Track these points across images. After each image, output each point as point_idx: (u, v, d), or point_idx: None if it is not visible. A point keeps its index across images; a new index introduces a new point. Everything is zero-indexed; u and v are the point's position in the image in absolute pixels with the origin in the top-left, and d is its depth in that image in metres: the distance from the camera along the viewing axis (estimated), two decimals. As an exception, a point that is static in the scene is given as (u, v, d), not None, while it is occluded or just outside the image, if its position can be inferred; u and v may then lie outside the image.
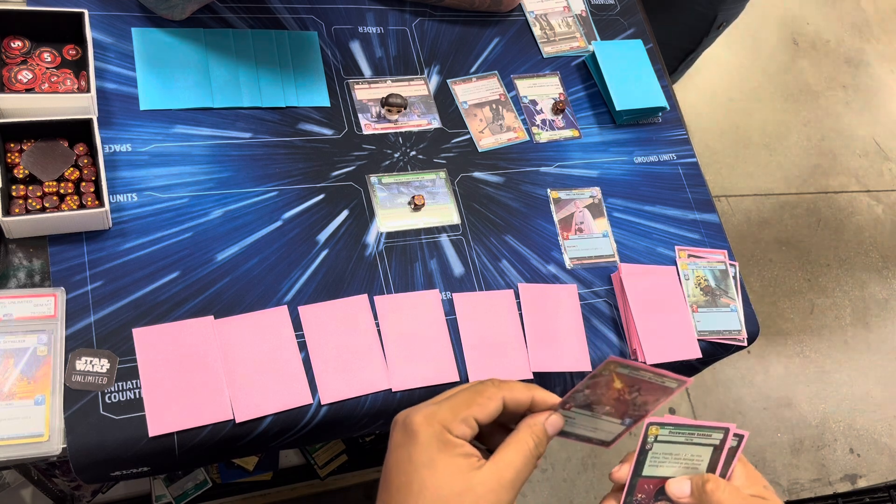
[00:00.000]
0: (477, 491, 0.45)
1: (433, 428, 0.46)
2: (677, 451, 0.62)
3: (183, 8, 0.83)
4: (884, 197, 2.67)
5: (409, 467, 0.46)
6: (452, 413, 0.47)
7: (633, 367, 0.56)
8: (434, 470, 0.45)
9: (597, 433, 0.59)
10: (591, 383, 0.56)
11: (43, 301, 0.68)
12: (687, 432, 0.62)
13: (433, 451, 0.46)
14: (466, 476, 0.45)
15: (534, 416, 0.50)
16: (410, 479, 0.46)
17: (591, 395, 0.56)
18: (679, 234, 0.96)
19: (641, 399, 0.59)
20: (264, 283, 0.77)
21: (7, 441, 0.63)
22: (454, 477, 0.45)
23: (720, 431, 0.62)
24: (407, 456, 0.46)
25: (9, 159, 0.72)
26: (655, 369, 0.54)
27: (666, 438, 0.61)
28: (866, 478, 2.14)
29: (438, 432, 0.46)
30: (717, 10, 1.37)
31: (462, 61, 0.98)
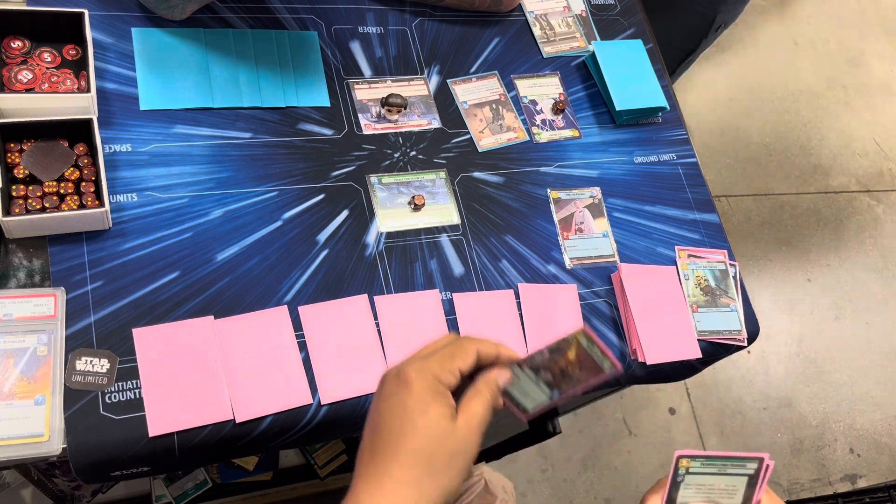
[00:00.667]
0: (456, 434, 0.52)
1: (426, 378, 0.53)
2: (711, 482, 0.62)
3: (183, 8, 0.83)
4: (884, 197, 2.67)
5: (403, 412, 0.52)
6: (440, 366, 0.53)
7: (592, 343, 0.60)
8: (427, 415, 0.51)
9: (525, 399, 0.63)
10: (554, 346, 0.60)
11: (43, 301, 0.68)
12: (720, 463, 0.62)
13: (427, 398, 0.52)
14: (450, 422, 0.52)
15: (490, 372, 0.57)
16: (403, 423, 0.51)
17: (549, 359, 0.60)
18: (679, 234, 0.96)
19: (578, 376, 0.63)
20: (264, 283, 0.77)
21: (7, 441, 0.63)
22: (441, 422, 0.52)
23: (755, 461, 0.62)
24: (400, 403, 0.52)
25: (9, 159, 0.72)
26: (607, 349, 0.58)
27: (698, 470, 0.62)
28: (866, 478, 2.14)
29: (430, 382, 0.53)
30: (717, 11, 1.37)
31: (462, 61, 0.98)
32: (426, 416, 0.52)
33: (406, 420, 0.52)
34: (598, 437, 1.95)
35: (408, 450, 0.51)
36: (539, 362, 0.61)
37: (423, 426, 0.51)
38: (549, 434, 1.25)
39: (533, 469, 1.86)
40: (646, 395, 2.05)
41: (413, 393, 0.52)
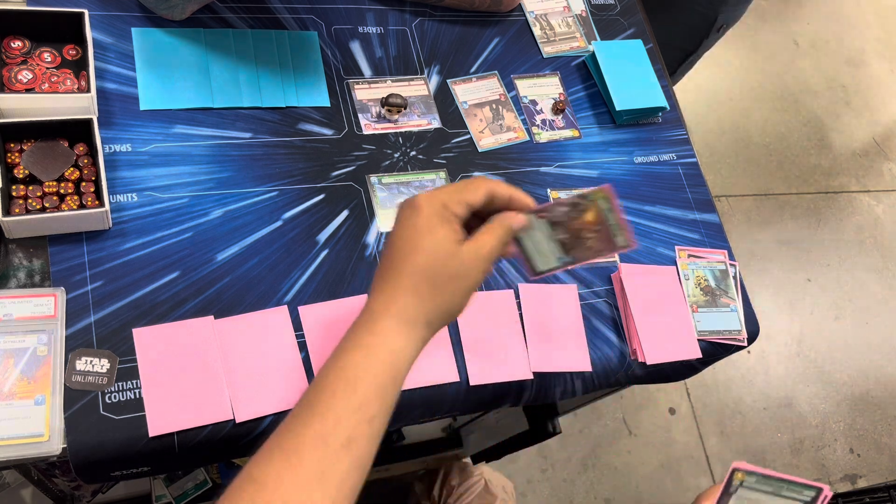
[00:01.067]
0: (462, 257, 0.57)
1: (434, 205, 0.57)
2: (765, 500, 0.61)
3: (183, 8, 0.83)
4: (884, 197, 2.67)
5: (413, 232, 0.57)
6: (449, 195, 0.58)
7: (611, 208, 0.62)
8: (433, 235, 0.56)
9: (537, 256, 0.65)
10: (575, 201, 0.62)
11: (43, 301, 0.68)
12: (776, 484, 0.61)
13: (434, 221, 0.57)
14: (456, 245, 0.57)
15: (506, 214, 0.60)
16: (414, 242, 0.57)
17: (567, 213, 0.62)
18: (679, 234, 0.96)
19: (591, 243, 0.65)
20: (264, 283, 0.77)
21: (7, 441, 0.63)
22: (447, 243, 0.57)
23: (813, 490, 0.61)
24: (412, 225, 0.57)
25: (9, 159, 0.72)
26: (625, 221, 0.60)
27: (752, 486, 0.61)
28: (866, 478, 2.14)
29: (439, 208, 0.57)
30: (718, 12, 1.37)
31: (462, 61, 0.98)
32: (432, 235, 0.56)
33: (416, 239, 0.56)
34: (598, 437, 1.95)
35: (414, 263, 0.56)
36: (556, 216, 0.63)
37: (428, 244, 0.56)
38: (549, 434, 1.25)
39: (533, 469, 1.86)
40: (646, 395, 2.05)
41: (422, 215, 0.57)
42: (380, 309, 0.57)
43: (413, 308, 0.57)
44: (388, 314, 0.57)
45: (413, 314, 0.57)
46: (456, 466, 1.33)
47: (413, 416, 0.80)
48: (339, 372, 0.55)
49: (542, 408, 1.24)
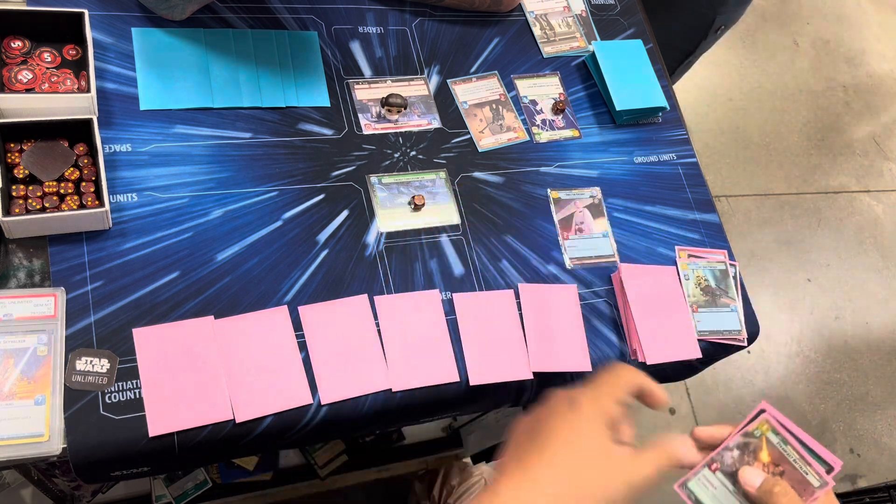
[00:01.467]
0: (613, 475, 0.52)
1: (598, 409, 0.53)
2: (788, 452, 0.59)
3: (183, 8, 0.83)
4: (884, 197, 2.67)
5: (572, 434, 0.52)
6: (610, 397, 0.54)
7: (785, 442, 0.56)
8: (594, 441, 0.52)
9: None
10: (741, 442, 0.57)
11: (43, 301, 0.68)
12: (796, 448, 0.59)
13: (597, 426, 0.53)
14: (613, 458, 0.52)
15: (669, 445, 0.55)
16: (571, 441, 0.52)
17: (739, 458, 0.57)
18: (679, 234, 0.96)
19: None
20: (264, 283, 0.77)
21: (7, 441, 0.63)
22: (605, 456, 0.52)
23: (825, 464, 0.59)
24: (569, 423, 0.53)
25: (9, 159, 0.72)
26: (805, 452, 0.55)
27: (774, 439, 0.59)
28: (866, 478, 2.14)
29: (600, 414, 0.53)
30: (717, 13, 1.37)
31: (462, 61, 0.98)
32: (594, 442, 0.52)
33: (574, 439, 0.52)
34: (598, 437, 1.94)
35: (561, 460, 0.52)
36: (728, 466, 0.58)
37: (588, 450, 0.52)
38: (549, 434, 1.24)
39: (533, 469, 1.86)
40: (646, 395, 2.05)
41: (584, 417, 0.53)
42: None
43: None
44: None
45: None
46: (456, 466, 1.33)
47: (413, 416, 0.80)
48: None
49: (542, 408, 1.24)
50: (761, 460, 0.58)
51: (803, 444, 0.57)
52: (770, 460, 0.58)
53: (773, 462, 0.58)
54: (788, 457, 0.57)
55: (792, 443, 0.56)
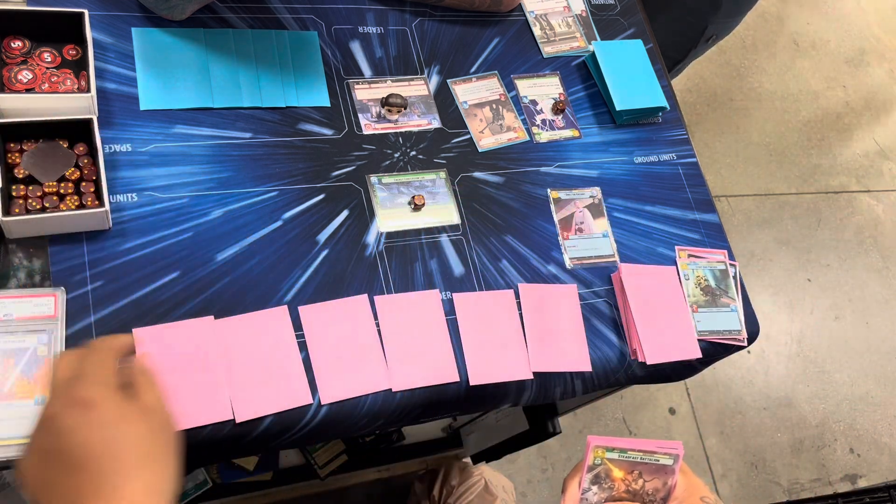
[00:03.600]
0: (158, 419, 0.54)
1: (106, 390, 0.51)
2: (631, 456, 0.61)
3: (183, 8, 0.83)
4: (884, 197, 2.67)
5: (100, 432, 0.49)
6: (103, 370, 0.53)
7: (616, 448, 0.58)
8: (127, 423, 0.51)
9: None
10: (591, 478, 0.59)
11: (43, 301, 0.68)
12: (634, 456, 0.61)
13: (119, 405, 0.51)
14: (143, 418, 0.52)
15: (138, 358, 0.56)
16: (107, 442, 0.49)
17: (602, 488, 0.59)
18: (679, 234, 0.96)
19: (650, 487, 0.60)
20: (264, 283, 0.77)
21: (7, 441, 0.63)
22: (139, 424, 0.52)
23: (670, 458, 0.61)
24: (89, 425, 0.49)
25: (9, 159, 0.72)
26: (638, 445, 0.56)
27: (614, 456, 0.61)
28: (866, 478, 2.14)
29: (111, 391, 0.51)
30: (708, 23, 1.36)
31: (462, 61, 0.98)
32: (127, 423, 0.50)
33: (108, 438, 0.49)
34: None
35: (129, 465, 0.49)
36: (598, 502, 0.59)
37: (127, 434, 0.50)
38: (549, 434, 1.25)
39: (533, 469, 1.86)
40: (646, 395, 2.05)
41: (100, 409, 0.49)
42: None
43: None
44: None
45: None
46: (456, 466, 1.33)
47: (413, 416, 0.80)
48: None
49: (542, 408, 1.24)
50: (616, 478, 0.59)
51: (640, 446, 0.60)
52: (624, 473, 0.59)
53: (627, 472, 0.60)
54: (634, 459, 0.59)
55: (630, 447, 0.58)
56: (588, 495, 0.60)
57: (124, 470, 0.48)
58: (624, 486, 0.60)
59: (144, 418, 0.51)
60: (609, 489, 0.60)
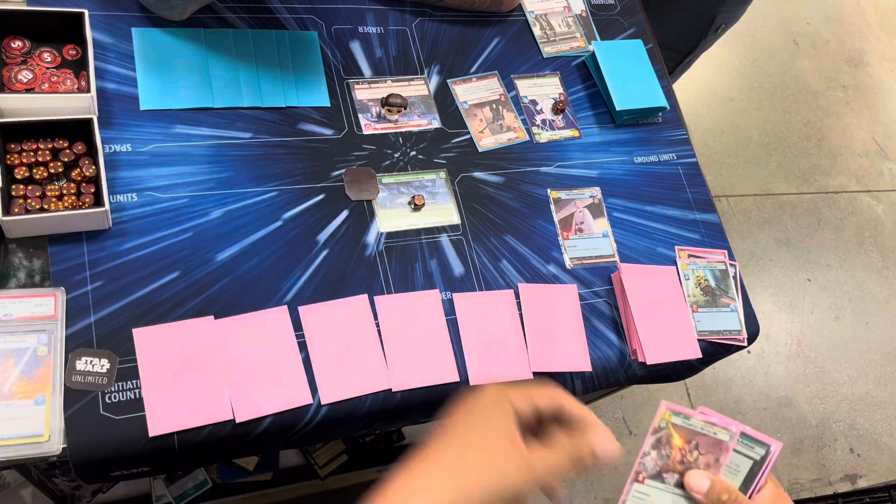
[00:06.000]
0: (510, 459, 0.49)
1: (499, 396, 0.51)
2: (693, 424, 0.61)
3: (183, 8, 0.83)
4: (884, 197, 2.67)
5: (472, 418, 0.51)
6: (518, 392, 0.52)
7: (687, 415, 0.59)
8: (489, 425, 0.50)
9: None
10: (652, 440, 0.59)
11: (43, 301, 0.68)
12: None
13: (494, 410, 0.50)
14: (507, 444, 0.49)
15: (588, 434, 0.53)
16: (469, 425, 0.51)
17: (659, 454, 0.59)
18: (679, 234, 0.96)
19: (703, 460, 0.60)
20: (264, 283, 0.77)
21: (7, 441, 0.63)
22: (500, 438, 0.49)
23: (763, 447, 0.61)
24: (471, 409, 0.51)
25: (9, 160, 0.72)
26: (710, 414, 0.57)
27: (678, 421, 0.61)
28: (866, 478, 2.14)
29: (501, 400, 0.51)
30: (716, 13, 1.37)
31: (462, 61, 0.98)
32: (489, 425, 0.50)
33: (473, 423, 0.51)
34: (598, 437, 1.94)
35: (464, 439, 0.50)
36: (651, 469, 0.59)
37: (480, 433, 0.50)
38: (549, 434, 1.24)
39: (533, 469, 1.86)
40: (646, 395, 2.05)
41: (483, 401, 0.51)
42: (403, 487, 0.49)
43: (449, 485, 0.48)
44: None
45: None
46: (456, 466, 1.33)
47: (413, 416, 0.80)
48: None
49: (542, 408, 1.24)
50: (675, 445, 0.60)
51: (703, 416, 0.60)
52: (683, 440, 0.60)
53: (685, 440, 0.60)
54: (695, 428, 0.60)
55: (694, 416, 0.59)
56: (646, 460, 0.60)
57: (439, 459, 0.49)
58: (679, 455, 0.60)
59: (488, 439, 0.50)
60: (666, 457, 0.60)
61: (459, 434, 0.50)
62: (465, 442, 0.50)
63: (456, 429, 0.51)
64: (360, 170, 0.86)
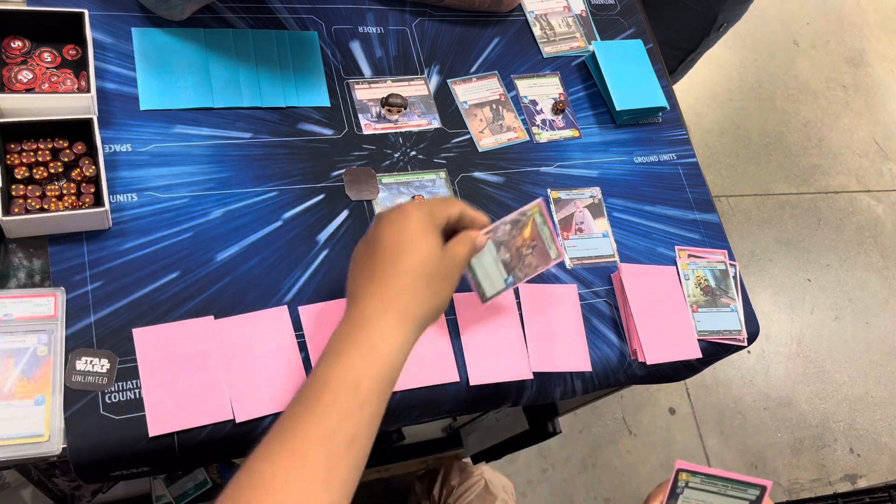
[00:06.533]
0: (446, 261, 0.62)
1: (423, 212, 0.62)
2: (710, 500, 0.62)
3: (183, 8, 0.83)
4: (884, 197, 2.67)
5: (405, 236, 0.60)
6: (435, 206, 0.63)
7: (545, 221, 0.70)
8: (427, 238, 0.61)
9: (485, 280, 0.72)
10: (515, 218, 0.69)
11: (43, 301, 0.68)
12: (721, 483, 0.62)
13: (426, 226, 0.61)
14: (441, 249, 0.62)
15: (472, 231, 0.66)
16: (406, 245, 0.60)
17: (509, 232, 0.70)
18: (679, 234, 0.96)
19: (529, 259, 0.71)
20: (264, 283, 0.77)
21: (7, 441, 0.63)
22: (435, 248, 0.61)
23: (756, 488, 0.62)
24: (399, 230, 0.61)
25: (8, 160, 0.72)
26: (555, 232, 0.69)
27: (698, 486, 0.62)
28: (866, 478, 2.14)
29: (427, 215, 0.62)
30: (718, 11, 1.37)
31: (462, 61, 0.98)
32: (426, 238, 0.61)
33: (406, 242, 0.60)
34: (598, 437, 1.95)
35: (410, 264, 0.59)
36: (500, 237, 0.69)
37: (422, 247, 0.60)
38: (549, 434, 1.25)
39: (533, 469, 1.86)
40: (646, 395, 2.05)
41: (412, 222, 0.61)
42: (375, 310, 0.58)
43: (411, 307, 0.59)
44: (386, 314, 0.58)
45: (410, 313, 0.59)
46: (456, 466, 1.33)
47: (413, 416, 0.80)
48: (340, 372, 0.55)
49: (542, 408, 1.24)
50: (524, 235, 0.70)
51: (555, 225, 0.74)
52: (529, 236, 0.70)
53: (531, 238, 0.71)
54: (542, 235, 0.70)
55: (549, 224, 0.70)
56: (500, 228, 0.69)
57: (398, 268, 0.59)
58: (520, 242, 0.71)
59: (439, 254, 0.61)
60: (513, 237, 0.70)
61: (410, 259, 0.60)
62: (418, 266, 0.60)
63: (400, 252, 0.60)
64: (360, 170, 0.86)
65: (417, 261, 0.59)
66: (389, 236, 0.61)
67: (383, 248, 0.60)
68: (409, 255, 0.60)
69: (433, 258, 0.60)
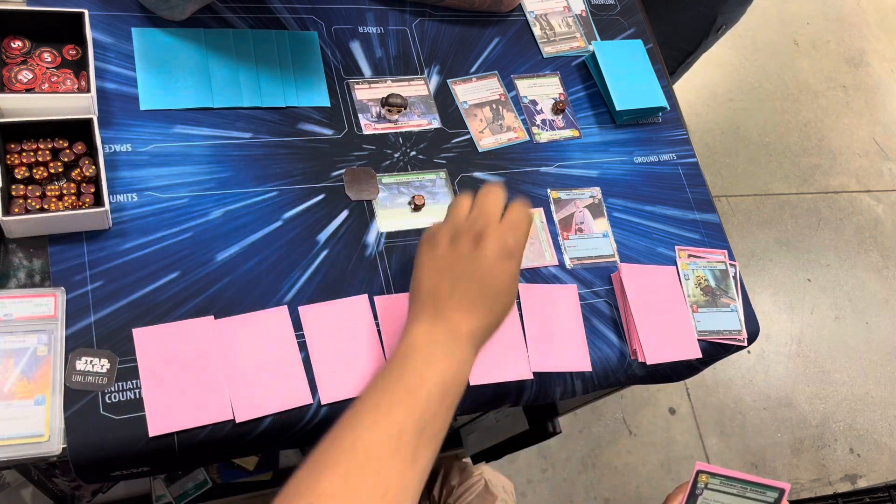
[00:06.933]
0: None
1: (522, 253, 0.69)
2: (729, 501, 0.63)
3: (183, 8, 0.83)
4: (884, 197, 2.67)
5: (513, 286, 0.68)
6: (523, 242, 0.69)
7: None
8: (516, 282, 0.69)
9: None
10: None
11: (43, 301, 0.68)
12: (740, 485, 0.62)
13: (517, 270, 0.69)
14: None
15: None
16: (511, 291, 0.68)
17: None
18: (679, 234, 0.96)
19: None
20: (264, 283, 0.77)
21: (7, 441, 0.63)
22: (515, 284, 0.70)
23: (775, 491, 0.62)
24: (513, 274, 0.68)
25: (8, 160, 0.72)
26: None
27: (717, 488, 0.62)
28: (866, 478, 2.14)
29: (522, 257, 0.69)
30: (717, 13, 1.37)
31: (462, 61, 0.98)
32: (516, 283, 0.69)
33: (513, 287, 0.68)
34: (598, 437, 1.95)
35: (507, 307, 0.68)
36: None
37: (515, 289, 0.69)
38: (549, 434, 1.25)
39: (533, 469, 1.86)
40: (646, 395, 2.05)
41: (517, 263, 0.68)
42: (470, 331, 0.65)
43: (484, 333, 0.67)
44: (476, 340, 0.66)
45: (482, 339, 0.67)
46: (456, 466, 1.33)
47: (413, 416, 0.80)
48: (435, 379, 0.62)
49: (542, 408, 1.24)
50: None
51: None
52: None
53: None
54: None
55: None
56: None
57: (500, 313, 0.68)
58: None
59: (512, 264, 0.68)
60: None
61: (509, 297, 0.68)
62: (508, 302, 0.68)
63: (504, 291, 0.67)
64: (360, 170, 0.86)
65: (511, 303, 0.68)
66: (502, 276, 0.66)
67: (496, 286, 0.67)
68: (510, 298, 0.68)
69: (513, 293, 0.69)
